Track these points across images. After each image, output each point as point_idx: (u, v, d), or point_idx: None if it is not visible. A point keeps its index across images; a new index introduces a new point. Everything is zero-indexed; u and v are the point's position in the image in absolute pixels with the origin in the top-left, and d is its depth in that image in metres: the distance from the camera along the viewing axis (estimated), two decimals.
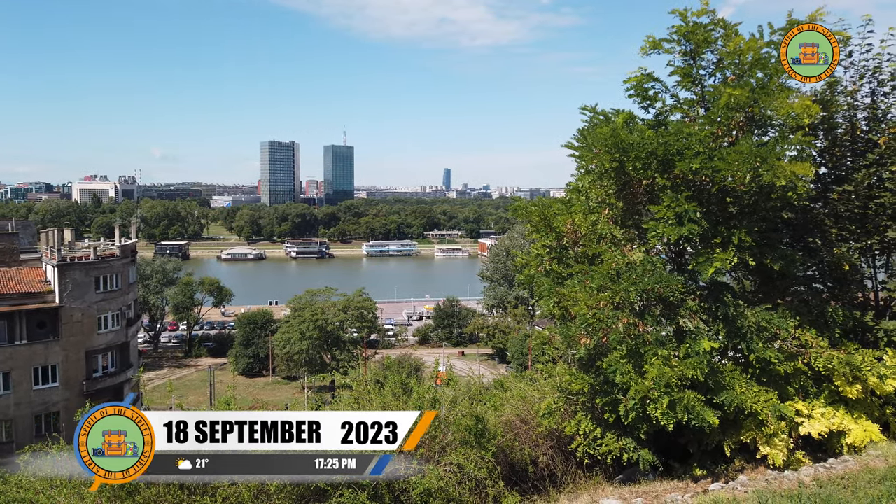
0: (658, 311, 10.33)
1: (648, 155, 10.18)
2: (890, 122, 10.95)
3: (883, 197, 10.42)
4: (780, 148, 9.28)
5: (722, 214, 10.56)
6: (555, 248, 12.13)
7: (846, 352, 9.94)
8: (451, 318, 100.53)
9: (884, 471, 7.89)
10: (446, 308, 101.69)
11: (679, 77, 11.16)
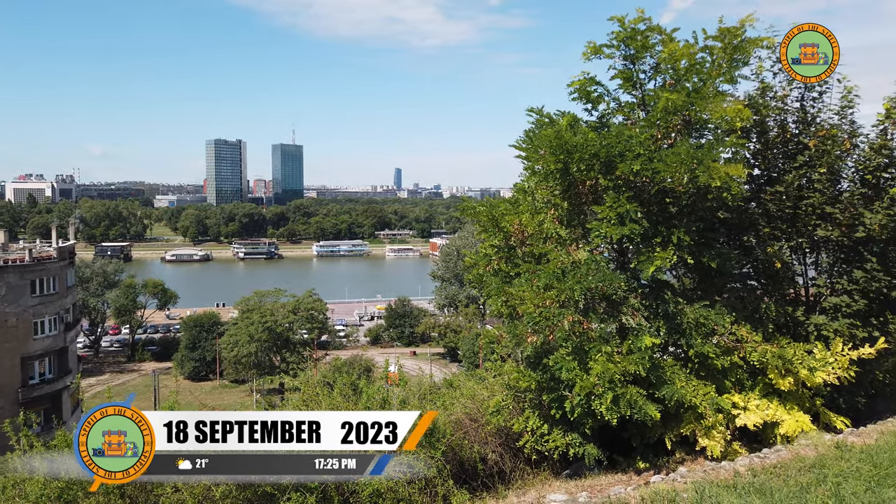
0: (602, 309, 10.59)
1: (591, 156, 10.43)
2: (818, 125, 11.51)
3: (812, 197, 10.94)
4: (715, 150, 9.63)
5: (662, 214, 10.90)
6: (503, 247, 12.28)
7: (779, 346, 10.40)
8: (402, 317, 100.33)
9: (813, 459, 8.28)
10: (398, 308, 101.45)
11: (620, 81, 11.48)
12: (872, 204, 10.57)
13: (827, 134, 10.95)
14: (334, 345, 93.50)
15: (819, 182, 10.86)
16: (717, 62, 10.51)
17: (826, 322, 11.06)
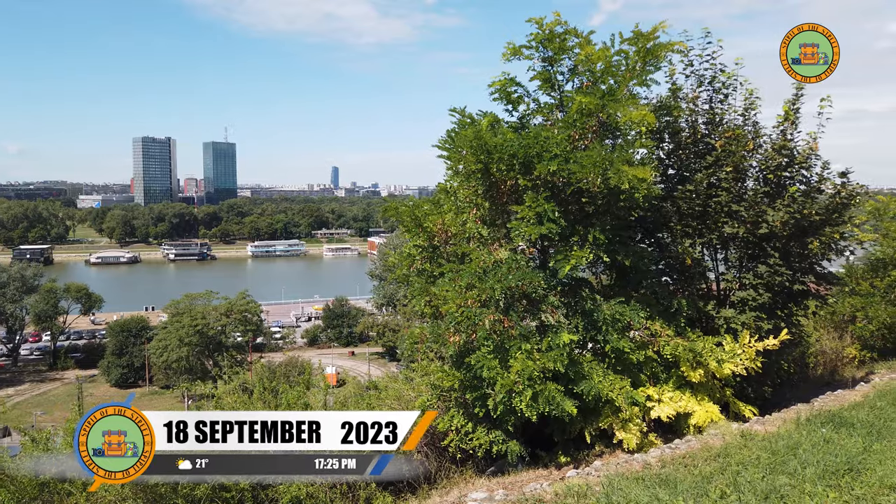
0: (522, 307, 10.73)
1: (510, 157, 10.54)
2: (725, 126, 12.01)
3: (720, 196, 11.41)
4: (626, 153, 9.89)
5: (579, 214, 11.14)
6: (426, 247, 12.29)
7: (690, 339, 10.79)
8: (340, 318, 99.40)
9: (719, 448, 8.61)
10: (336, 308, 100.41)
11: (539, 82, 11.65)
12: (774, 202, 11.10)
13: (732, 135, 11.44)
14: (270, 347, 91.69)
15: (726, 181, 11.33)
16: (631, 65, 10.81)
17: (734, 315, 11.55)
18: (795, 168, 11.30)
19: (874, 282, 15.72)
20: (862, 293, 15.65)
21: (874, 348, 15.32)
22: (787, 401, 12.63)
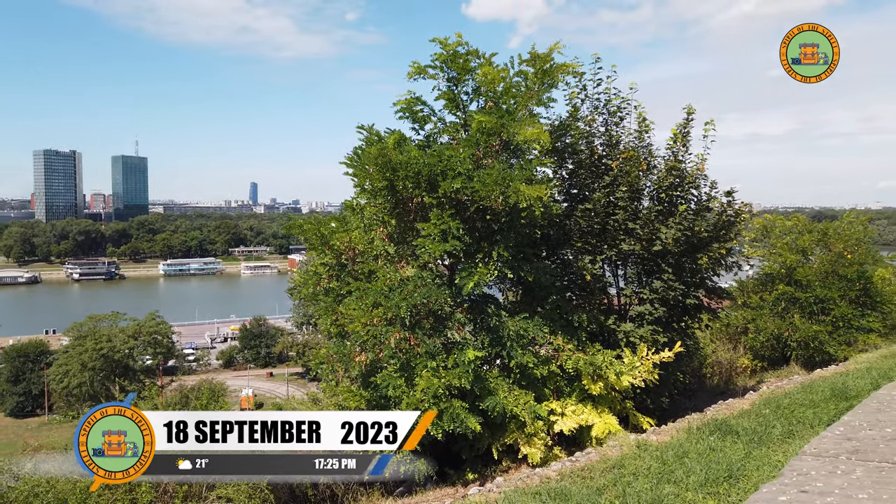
0: (429, 325, 10.74)
1: (416, 174, 10.59)
2: (622, 148, 12.54)
3: (617, 214, 11.87)
4: (525, 171, 10.13)
5: (485, 231, 11.30)
6: (333, 265, 12.12)
7: (590, 353, 11.10)
8: (258, 338, 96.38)
9: (616, 459, 8.83)
10: (253, 328, 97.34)
11: (445, 101, 11.80)
12: (667, 220, 11.65)
13: (628, 156, 11.95)
14: (183, 370, 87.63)
15: (622, 200, 11.80)
16: (530, 86, 11.12)
17: (633, 329, 11.98)
18: (685, 188, 11.91)
19: (763, 295, 16.74)
20: (752, 306, 16.63)
21: (764, 358, 16.28)
22: (684, 410, 13.18)
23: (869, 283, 15.88)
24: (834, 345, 14.82)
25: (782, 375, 14.92)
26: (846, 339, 14.97)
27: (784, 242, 16.78)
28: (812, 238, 16.60)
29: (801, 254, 16.35)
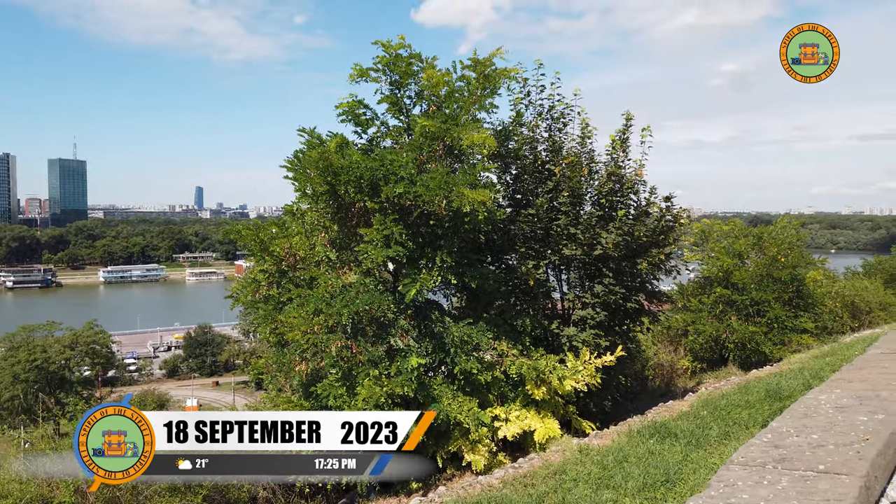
0: (372, 332, 10.55)
1: (358, 179, 10.41)
2: (565, 154, 12.64)
3: (559, 219, 11.94)
4: (468, 176, 10.06)
5: (429, 236, 11.18)
6: (273, 272, 11.81)
7: (534, 358, 11.10)
8: (203, 346, 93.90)
9: (558, 465, 8.82)
10: (198, 336, 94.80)
11: (388, 105, 11.65)
12: (607, 225, 11.78)
13: (570, 161, 12.04)
14: (124, 380, 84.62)
15: (564, 205, 11.87)
16: (472, 90, 11.09)
17: (576, 333, 12.06)
18: (624, 193, 12.08)
19: (702, 298, 17.16)
20: (692, 309, 17.02)
21: (704, 359, 16.68)
22: (627, 412, 13.34)
23: (801, 286, 16.49)
24: (769, 345, 15.29)
25: (720, 376, 15.30)
26: (780, 340, 15.47)
27: (721, 247, 17.27)
28: (748, 242, 17.12)
29: (738, 257, 16.84)
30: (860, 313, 19.56)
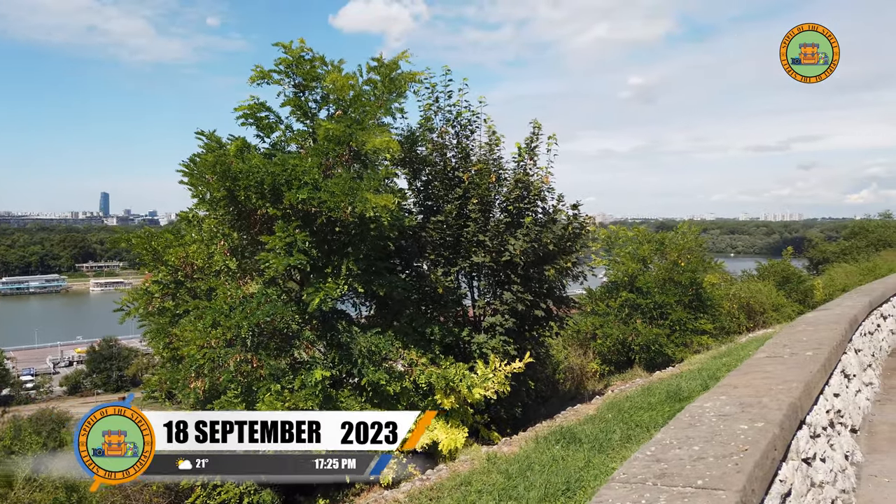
0: (274, 345, 10.12)
1: (258, 184, 9.96)
2: (474, 161, 12.63)
3: (468, 226, 11.89)
4: (372, 181, 9.84)
5: (336, 244, 10.86)
6: (168, 283, 11.13)
7: (443, 367, 10.97)
8: (108, 360, 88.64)
9: (465, 476, 8.72)
10: (103, 350, 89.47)
11: (291, 108, 11.25)
12: (515, 232, 11.83)
13: (479, 169, 12.03)
14: (20, 399, 78.71)
15: (473, 212, 11.84)
16: (378, 94, 10.88)
17: (486, 340, 12.03)
18: (531, 200, 12.18)
19: (609, 302, 17.63)
20: (600, 313, 17.45)
21: (611, 362, 17.12)
22: (538, 417, 13.46)
23: (700, 289, 17.24)
24: (672, 347, 15.87)
25: (627, 378, 15.73)
26: (682, 342, 16.09)
27: (626, 252, 17.82)
28: (651, 248, 17.76)
29: (642, 262, 17.43)
30: (755, 314, 20.66)
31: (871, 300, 8.22)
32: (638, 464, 3.18)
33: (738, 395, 4.15)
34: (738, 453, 3.06)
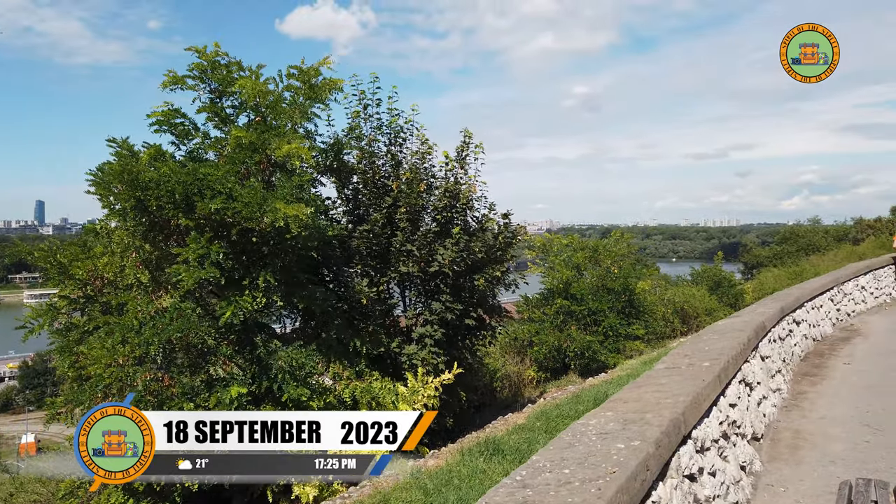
0: (187, 361, 9.67)
1: (169, 193, 9.52)
2: (405, 168, 12.45)
3: (396, 236, 11.68)
4: (286, 190, 9.52)
5: (255, 255, 10.48)
6: (76, 298, 10.55)
7: (368, 381, 10.70)
8: (42, 375, 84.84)
9: (387, 492, 8.48)
10: (36, 365, 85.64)
11: (208, 115, 10.84)
12: (444, 241, 11.68)
13: (408, 177, 11.85)
14: None
15: (402, 221, 11.64)
16: (297, 101, 10.59)
17: (416, 351, 11.82)
18: (459, 208, 12.07)
19: (545, 309, 17.68)
20: (535, 320, 17.48)
21: (548, 369, 17.14)
22: (474, 426, 13.32)
23: (633, 295, 17.47)
24: (605, 353, 16.01)
25: (562, 385, 15.76)
26: (615, 348, 16.24)
27: (561, 259, 17.94)
28: (585, 255, 17.93)
29: (576, 270, 17.56)
30: (689, 318, 21.08)
31: (783, 306, 8.37)
32: (503, 491, 3.02)
33: (625, 410, 4.06)
34: (605, 476, 2.93)
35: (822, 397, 7.16)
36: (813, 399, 7.09)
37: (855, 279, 13.54)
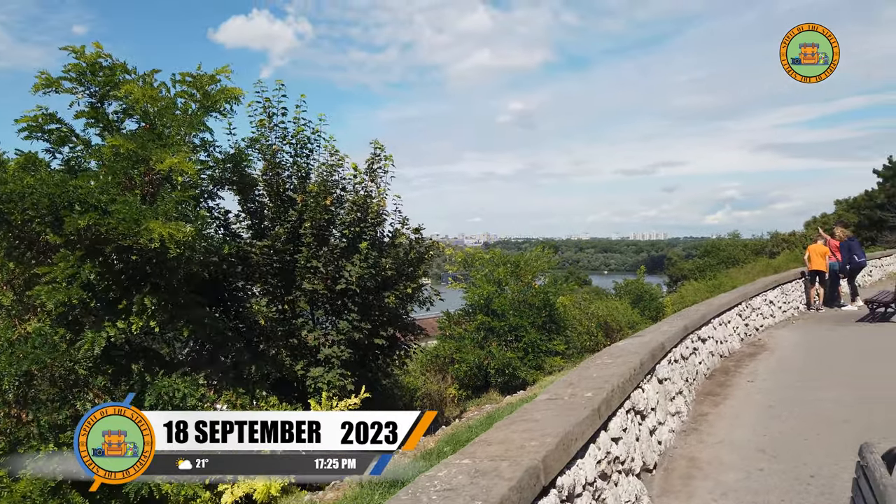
0: (52, 394, 8.69)
1: (34, 206, 8.57)
2: (313, 180, 11.80)
3: (301, 252, 11.00)
4: (163, 206, 8.73)
5: (137, 275, 9.59)
6: None
7: (264, 408, 9.94)
8: None
9: None
10: None
11: (87, 120, 9.92)
12: (352, 257, 11.08)
13: (313, 190, 11.21)
14: None
15: (305, 237, 10.98)
16: (190, 108, 9.84)
17: (322, 374, 11.13)
18: (368, 223, 11.52)
19: (467, 326, 17.25)
20: (457, 337, 17.02)
21: (469, 386, 16.69)
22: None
23: (553, 310, 17.27)
24: (525, 370, 15.68)
25: (481, 403, 15.31)
26: (536, 364, 15.95)
27: (482, 275, 17.60)
28: (506, 270, 17.65)
29: (497, 285, 17.25)
30: (613, 332, 21.08)
31: (686, 324, 8.17)
32: None
33: (484, 456, 3.58)
34: None
35: (723, 419, 6.93)
36: (712, 421, 6.84)
37: (763, 294, 13.69)
